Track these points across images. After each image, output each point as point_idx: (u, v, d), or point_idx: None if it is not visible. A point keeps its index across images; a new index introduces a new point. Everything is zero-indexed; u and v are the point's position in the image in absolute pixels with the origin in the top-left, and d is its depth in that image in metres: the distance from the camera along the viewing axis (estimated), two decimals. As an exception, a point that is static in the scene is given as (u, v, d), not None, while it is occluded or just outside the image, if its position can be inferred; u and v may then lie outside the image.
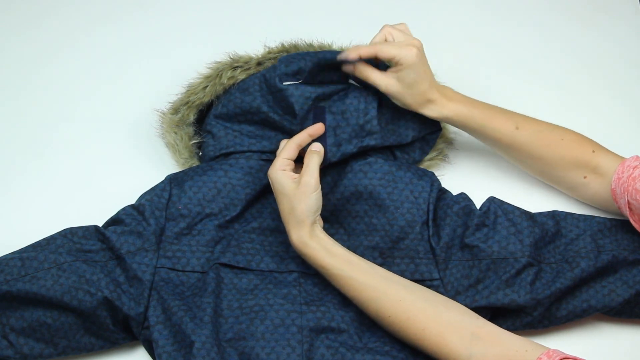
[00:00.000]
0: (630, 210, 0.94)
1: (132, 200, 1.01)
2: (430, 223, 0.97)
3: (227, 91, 1.05)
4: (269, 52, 1.06)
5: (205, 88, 1.05)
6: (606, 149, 1.00)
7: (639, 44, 1.27)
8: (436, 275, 0.96)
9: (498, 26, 1.29)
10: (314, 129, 0.98)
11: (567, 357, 0.80)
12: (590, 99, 1.20)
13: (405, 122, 1.03)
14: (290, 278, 0.96)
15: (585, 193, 1.02)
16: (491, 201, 1.00)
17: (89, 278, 0.92)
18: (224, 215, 0.99)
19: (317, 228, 0.93)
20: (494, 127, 0.99)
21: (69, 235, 0.97)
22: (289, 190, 0.92)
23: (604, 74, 1.23)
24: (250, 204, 1.00)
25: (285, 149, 0.95)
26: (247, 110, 1.02)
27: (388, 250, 0.97)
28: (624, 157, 0.98)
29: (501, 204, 1.00)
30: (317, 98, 0.99)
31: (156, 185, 1.01)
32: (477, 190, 1.06)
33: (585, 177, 1.00)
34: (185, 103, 1.06)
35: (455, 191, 1.02)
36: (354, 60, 0.97)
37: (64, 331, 0.92)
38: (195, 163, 1.06)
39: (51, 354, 0.93)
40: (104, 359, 0.96)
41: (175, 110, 1.06)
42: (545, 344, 0.86)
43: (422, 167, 1.06)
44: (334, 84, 1.01)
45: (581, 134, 1.01)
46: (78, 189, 1.09)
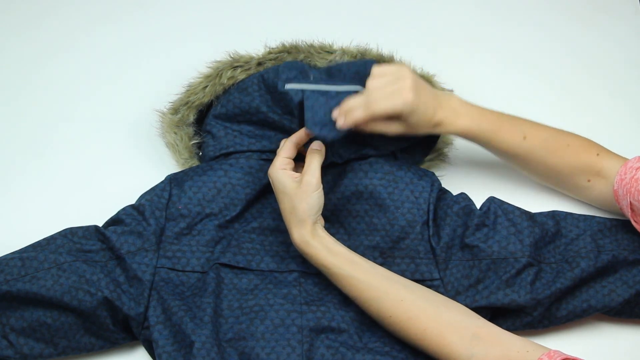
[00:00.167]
0: (632, 211, 0.94)
1: (132, 200, 1.01)
2: (431, 223, 0.97)
3: (226, 91, 1.05)
4: (269, 52, 1.06)
5: (205, 88, 1.05)
6: (609, 151, 1.00)
7: (639, 44, 1.27)
8: (436, 275, 0.96)
9: (498, 26, 1.29)
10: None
11: (568, 358, 0.80)
12: (591, 99, 1.20)
13: None
14: (291, 278, 0.96)
15: (589, 195, 1.02)
16: (491, 201, 1.00)
17: (89, 278, 0.92)
18: (224, 215, 0.99)
19: (318, 227, 0.93)
20: (502, 140, 0.98)
21: (69, 235, 0.97)
22: (290, 189, 0.92)
23: (604, 74, 1.23)
24: (250, 204, 1.00)
25: (284, 148, 0.95)
26: (246, 111, 1.02)
27: (388, 250, 0.97)
28: (627, 158, 0.98)
29: (501, 204, 1.00)
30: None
31: (156, 185, 1.01)
32: (477, 190, 1.06)
33: (589, 181, 0.99)
34: (185, 103, 1.06)
35: (455, 191, 1.02)
36: (348, 128, 0.93)
37: (64, 331, 0.92)
38: (196, 163, 1.06)
39: (51, 354, 0.92)
40: (104, 359, 0.96)
41: (175, 111, 1.06)
42: (545, 344, 0.86)
43: (422, 167, 1.06)
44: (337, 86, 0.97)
45: (585, 137, 1.01)
46: (78, 189, 1.09)
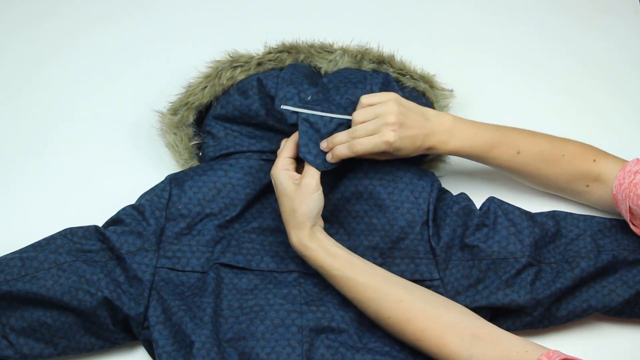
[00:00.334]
0: (631, 214, 0.94)
1: (132, 200, 1.01)
2: (431, 223, 0.97)
3: (226, 92, 1.04)
4: (269, 51, 1.06)
5: (204, 89, 1.04)
6: (607, 154, 0.99)
7: (639, 44, 1.27)
8: (436, 276, 0.95)
9: (498, 26, 1.28)
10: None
11: (567, 358, 0.79)
12: (591, 99, 1.20)
13: None
14: (290, 278, 0.96)
15: (588, 199, 1.02)
16: (491, 201, 1.00)
17: (89, 278, 0.92)
18: (224, 215, 0.99)
19: (317, 230, 0.93)
20: (495, 156, 0.98)
21: (69, 235, 0.97)
22: (290, 191, 0.92)
23: (604, 74, 1.23)
24: (250, 204, 1.00)
25: (286, 148, 0.95)
26: (246, 113, 1.02)
27: (388, 251, 0.97)
28: (625, 161, 0.97)
29: (501, 204, 1.00)
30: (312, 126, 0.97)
31: (156, 185, 1.01)
32: (477, 190, 1.06)
33: (587, 186, 0.99)
34: (184, 104, 1.06)
35: (455, 191, 1.02)
36: (336, 162, 0.94)
37: (64, 331, 0.92)
38: (195, 164, 1.06)
39: (51, 354, 0.92)
40: (104, 359, 0.96)
41: (174, 111, 1.06)
42: (545, 344, 0.86)
43: (422, 167, 1.06)
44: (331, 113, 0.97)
45: (582, 142, 1.00)
46: (78, 189, 1.09)
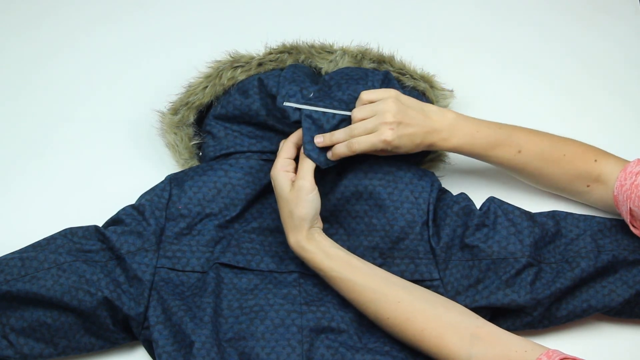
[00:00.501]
0: (631, 216, 0.94)
1: (132, 200, 1.01)
2: (430, 223, 0.97)
3: (226, 92, 1.05)
4: (270, 52, 1.06)
5: (205, 89, 1.05)
6: (608, 154, 0.99)
7: (639, 44, 1.27)
8: (436, 276, 0.95)
9: (498, 26, 1.28)
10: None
11: (567, 357, 0.79)
12: (591, 99, 1.20)
13: None
14: (290, 278, 0.96)
15: (589, 199, 1.02)
16: (491, 201, 1.00)
17: (89, 278, 0.92)
18: (224, 215, 0.99)
19: (315, 231, 0.92)
20: (496, 155, 0.98)
21: (69, 235, 0.97)
22: (286, 193, 0.92)
23: (604, 74, 1.23)
24: (250, 204, 1.00)
25: (285, 149, 0.95)
26: (246, 113, 1.02)
27: (388, 251, 0.97)
28: (626, 161, 0.97)
29: (501, 204, 1.00)
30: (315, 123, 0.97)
31: (156, 185, 1.01)
32: (477, 190, 1.06)
33: (588, 186, 0.99)
34: (185, 104, 1.06)
35: (455, 191, 1.02)
36: (336, 159, 0.95)
37: (64, 331, 0.92)
38: (196, 163, 1.06)
39: (51, 354, 0.92)
40: (104, 359, 0.96)
41: (175, 111, 1.06)
42: (545, 344, 0.86)
43: (422, 167, 1.06)
44: (334, 109, 0.97)
45: (583, 142, 1.00)
46: (78, 189, 1.09)
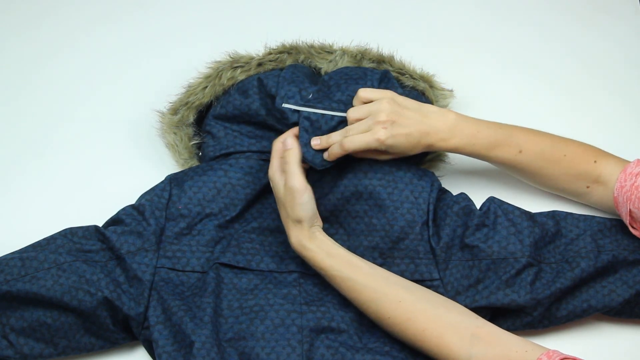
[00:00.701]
0: (631, 217, 0.94)
1: (132, 200, 1.01)
2: (431, 223, 0.97)
3: (226, 92, 1.05)
4: (269, 52, 1.06)
5: (204, 89, 1.05)
6: (608, 154, 0.99)
7: (639, 44, 1.27)
8: (436, 276, 0.95)
9: (498, 26, 1.28)
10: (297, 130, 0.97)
11: (567, 358, 0.79)
12: (591, 99, 1.20)
13: None
14: (290, 278, 0.96)
15: (588, 200, 1.02)
16: (491, 201, 1.00)
17: (89, 278, 0.92)
18: (223, 215, 0.99)
19: (316, 230, 0.92)
20: (496, 155, 0.98)
21: (69, 235, 0.97)
22: (282, 194, 0.92)
23: (604, 74, 1.23)
24: (250, 204, 1.00)
25: (278, 150, 0.95)
26: (246, 112, 1.02)
27: (388, 251, 0.97)
28: (627, 161, 0.97)
29: (501, 204, 1.00)
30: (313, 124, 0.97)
31: (156, 185, 1.01)
32: (477, 190, 1.06)
33: (588, 187, 0.99)
34: (184, 104, 1.06)
35: (455, 191, 1.02)
36: (333, 159, 0.95)
37: (64, 331, 0.92)
38: (195, 163, 1.06)
39: (51, 354, 0.92)
40: (104, 359, 0.96)
41: (174, 111, 1.06)
42: (545, 344, 0.86)
43: (422, 167, 1.06)
44: (332, 111, 0.98)
45: (583, 143, 1.00)
46: (78, 189, 1.09)
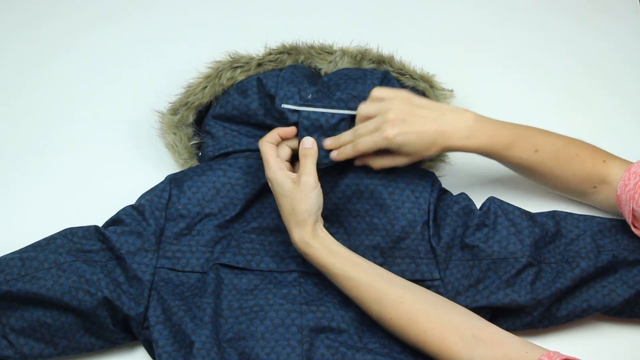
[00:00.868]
0: (633, 217, 0.94)
1: (132, 200, 1.01)
2: (431, 223, 0.97)
3: (225, 92, 1.05)
4: (269, 52, 1.06)
5: (204, 89, 1.05)
6: (614, 156, 0.99)
7: (639, 44, 1.27)
8: (437, 275, 0.95)
9: (498, 26, 1.29)
10: (284, 131, 0.97)
11: (568, 359, 0.80)
12: (591, 99, 1.20)
13: None
14: (290, 278, 0.96)
15: (594, 200, 1.02)
16: (491, 201, 1.00)
17: (89, 278, 0.92)
18: (223, 215, 0.99)
19: (319, 227, 0.92)
20: (514, 155, 0.97)
21: (69, 235, 0.97)
22: (289, 190, 0.92)
23: (604, 74, 1.23)
24: (249, 204, 1.00)
25: (270, 149, 0.94)
26: (245, 112, 1.02)
27: (389, 250, 0.97)
28: (631, 162, 0.97)
29: (501, 204, 1.00)
30: (313, 125, 0.97)
31: (156, 186, 1.01)
32: (477, 190, 1.06)
33: (594, 187, 0.99)
34: (184, 104, 1.06)
35: (455, 191, 1.02)
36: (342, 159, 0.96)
37: (64, 331, 0.92)
38: (195, 163, 1.06)
39: (51, 354, 0.92)
40: (104, 359, 0.96)
41: (174, 111, 1.06)
42: (545, 344, 0.86)
43: (422, 167, 1.06)
44: (334, 110, 0.98)
45: (591, 144, 1.00)
46: (78, 189, 1.09)
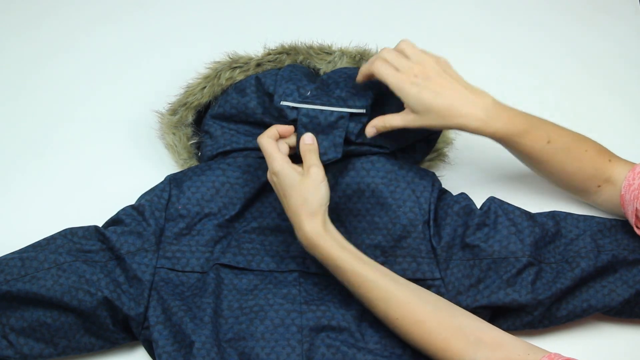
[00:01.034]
0: (636, 217, 0.94)
1: (132, 200, 1.01)
2: (432, 223, 0.97)
3: (224, 92, 1.05)
4: (268, 53, 1.06)
5: (203, 89, 1.05)
6: (619, 157, 0.99)
7: (639, 44, 1.27)
8: (437, 275, 0.95)
9: (498, 26, 1.29)
10: (283, 129, 0.96)
11: (569, 359, 0.80)
12: (590, 99, 1.20)
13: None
14: (291, 278, 0.96)
15: (596, 200, 1.02)
16: (491, 201, 1.00)
17: (88, 278, 0.92)
18: (223, 215, 0.99)
19: (328, 220, 0.92)
20: (528, 143, 0.96)
21: (69, 235, 0.97)
22: (298, 182, 0.91)
23: (604, 74, 1.23)
24: (249, 203, 1.00)
25: (271, 145, 0.93)
26: (243, 111, 1.02)
27: (390, 249, 0.97)
28: (635, 164, 0.97)
29: (501, 203, 1.00)
30: (312, 121, 0.97)
31: (156, 186, 1.01)
32: (477, 190, 1.06)
33: (599, 186, 0.99)
34: (183, 104, 1.06)
35: (455, 191, 1.02)
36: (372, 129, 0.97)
37: (64, 331, 0.92)
38: (195, 163, 1.06)
39: (51, 354, 0.92)
40: (104, 359, 0.96)
41: (173, 111, 1.06)
42: (545, 344, 0.87)
43: (422, 167, 1.06)
44: (331, 106, 0.98)
45: (599, 143, 1.00)
46: (78, 189, 1.09)
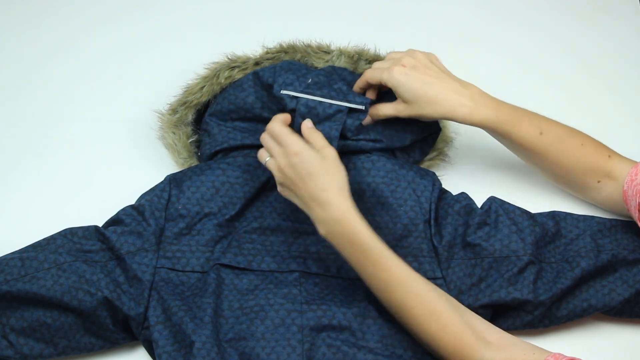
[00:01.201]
0: (639, 212, 0.94)
1: (132, 200, 1.01)
2: (432, 222, 0.97)
3: (223, 90, 1.05)
4: (267, 52, 1.06)
5: (202, 88, 1.05)
6: (619, 154, 0.99)
7: (639, 44, 1.27)
8: (439, 274, 0.95)
9: (498, 26, 1.29)
10: (285, 117, 0.97)
11: (573, 359, 0.80)
12: (590, 99, 1.20)
13: (403, 126, 1.02)
14: (291, 278, 0.96)
15: (597, 197, 1.02)
16: (492, 200, 1.00)
17: (89, 278, 0.92)
18: (223, 214, 0.99)
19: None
20: (519, 133, 0.97)
21: (69, 235, 0.96)
22: (319, 160, 0.90)
23: (604, 74, 1.23)
24: (249, 202, 1.00)
25: (286, 130, 0.93)
26: (241, 107, 1.02)
27: (391, 248, 0.96)
28: (635, 161, 0.97)
29: (502, 203, 1.00)
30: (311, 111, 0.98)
31: (156, 186, 1.01)
32: (477, 190, 1.06)
33: (599, 182, 0.99)
34: (183, 103, 1.06)
35: (455, 191, 1.02)
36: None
37: (64, 331, 0.92)
38: (195, 162, 1.06)
39: (51, 354, 0.92)
40: (104, 359, 0.96)
41: (173, 111, 1.07)
42: (545, 344, 0.87)
43: (422, 167, 1.06)
44: (331, 99, 0.99)
45: (595, 138, 1.00)
46: (78, 189, 1.09)
